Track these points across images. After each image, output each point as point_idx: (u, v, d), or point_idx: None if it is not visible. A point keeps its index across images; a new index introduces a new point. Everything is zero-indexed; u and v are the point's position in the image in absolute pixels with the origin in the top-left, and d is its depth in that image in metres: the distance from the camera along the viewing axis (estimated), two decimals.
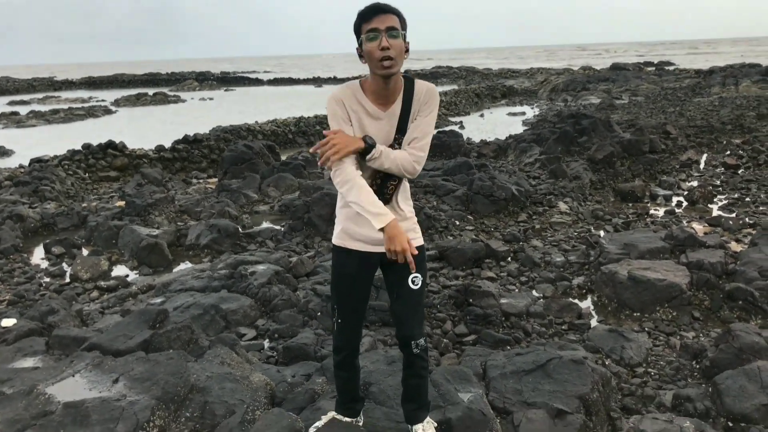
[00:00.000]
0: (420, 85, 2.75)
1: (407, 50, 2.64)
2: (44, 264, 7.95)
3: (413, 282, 2.81)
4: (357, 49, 2.65)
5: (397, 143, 2.74)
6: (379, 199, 2.63)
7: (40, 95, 48.17)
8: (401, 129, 2.73)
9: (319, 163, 2.62)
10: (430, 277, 6.52)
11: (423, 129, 2.74)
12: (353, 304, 2.93)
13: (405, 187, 2.85)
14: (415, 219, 2.92)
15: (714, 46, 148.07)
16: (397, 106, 2.71)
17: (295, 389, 3.77)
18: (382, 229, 2.52)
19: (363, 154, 2.63)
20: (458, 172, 10.75)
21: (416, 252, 2.54)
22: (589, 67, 49.75)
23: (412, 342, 2.88)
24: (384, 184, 2.74)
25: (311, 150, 2.64)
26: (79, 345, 4.35)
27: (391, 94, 2.69)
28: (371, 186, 2.67)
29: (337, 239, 2.88)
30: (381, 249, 2.73)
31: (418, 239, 2.85)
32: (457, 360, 4.59)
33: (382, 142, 2.70)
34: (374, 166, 2.66)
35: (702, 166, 12.53)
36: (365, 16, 2.57)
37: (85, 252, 8.25)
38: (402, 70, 2.68)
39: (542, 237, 8.25)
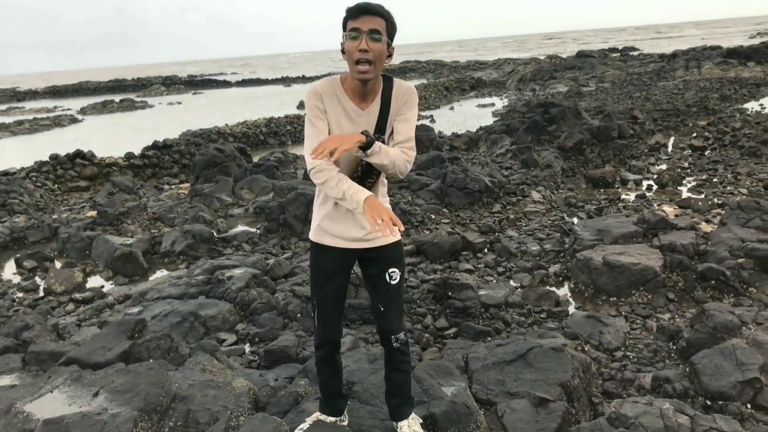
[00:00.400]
0: (399, 85, 2.73)
1: (390, 55, 2.59)
2: (16, 279, 7.80)
3: (391, 277, 2.86)
4: (341, 43, 2.60)
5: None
6: None
7: (3, 106, 47.18)
8: (380, 128, 2.72)
9: (314, 156, 2.42)
10: (408, 272, 6.54)
11: (408, 131, 2.73)
12: (331, 299, 2.94)
13: (383, 183, 2.87)
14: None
15: (678, 29, 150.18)
16: (375, 105, 2.69)
17: (278, 393, 3.76)
18: (363, 208, 2.46)
19: (364, 148, 2.54)
20: (431, 166, 10.80)
21: (397, 221, 2.44)
22: (556, 56, 50.18)
23: (392, 336, 2.92)
24: (362, 183, 2.70)
25: (312, 156, 2.43)
26: (56, 360, 4.29)
27: (369, 93, 2.67)
28: None
29: (313, 235, 2.89)
30: (357, 246, 2.81)
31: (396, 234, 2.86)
32: (439, 354, 4.62)
33: None
34: (374, 161, 2.57)
35: (670, 149, 12.73)
36: (351, 13, 2.53)
37: (58, 264, 8.11)
38: None
39: (517, 227, 8.32)
